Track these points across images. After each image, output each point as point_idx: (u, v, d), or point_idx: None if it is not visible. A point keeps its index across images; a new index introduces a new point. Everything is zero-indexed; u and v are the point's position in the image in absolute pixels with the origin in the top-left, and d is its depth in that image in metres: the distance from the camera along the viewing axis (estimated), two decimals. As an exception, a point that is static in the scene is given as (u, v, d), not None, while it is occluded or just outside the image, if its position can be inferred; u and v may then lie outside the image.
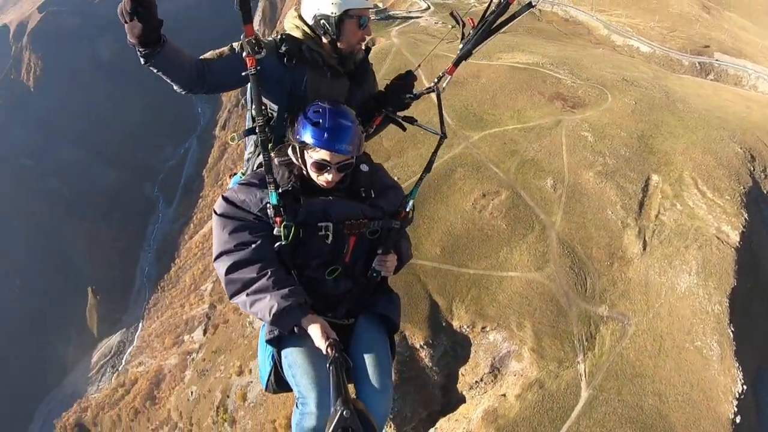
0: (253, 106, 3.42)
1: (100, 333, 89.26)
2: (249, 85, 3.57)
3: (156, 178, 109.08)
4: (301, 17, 3.74)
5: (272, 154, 3.43)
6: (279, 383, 3.59)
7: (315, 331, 3.11)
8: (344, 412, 2.46)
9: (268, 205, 3.32)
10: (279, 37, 3.67)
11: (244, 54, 3.18)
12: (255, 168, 3.93)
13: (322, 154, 3.28)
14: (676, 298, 28.72)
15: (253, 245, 3.26)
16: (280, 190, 3.31)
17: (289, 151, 3.50)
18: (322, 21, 3.59)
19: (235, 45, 3.52)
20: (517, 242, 31.85)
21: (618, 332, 28.56)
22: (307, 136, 3.28)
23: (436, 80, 4.01)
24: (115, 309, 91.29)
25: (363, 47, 3.86)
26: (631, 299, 29.45)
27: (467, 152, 37.29)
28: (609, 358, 27.75)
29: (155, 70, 3.24)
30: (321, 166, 3.34)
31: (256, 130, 3.37)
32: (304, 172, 3.46)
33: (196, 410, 48.92)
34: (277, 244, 3.32)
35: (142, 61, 3.10)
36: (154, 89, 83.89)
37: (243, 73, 3.29)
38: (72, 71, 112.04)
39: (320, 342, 3.05)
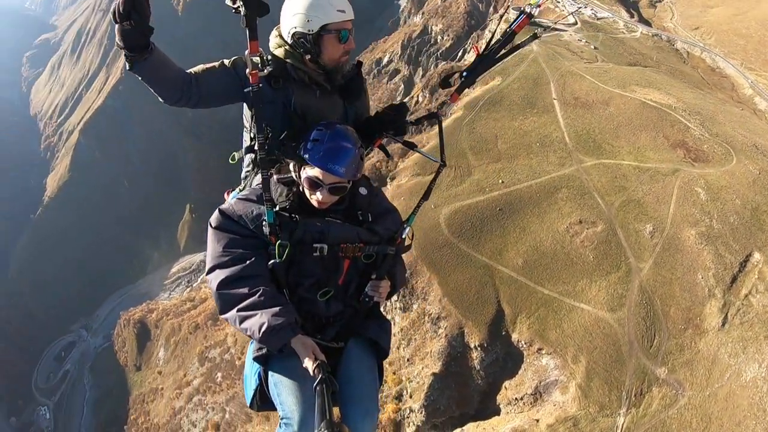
0: (254, 124, 3.43)
1: (186, 248, 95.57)
2: (244, 104, 3.75)
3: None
4: (281, 36, 3.69)
5: (272, 171, 3.46)
6: (264, 401, 3.54)
7: (303, 351, 3.07)
8: None
9: (264, 222, 3.30)
10: (266, 58, 3.60)
11: (247, 70, 3.24)
12: (253, 186, 3.85)
13: (316, 172, 3.27)
14: (739, 386, 27.22)
15: (247, 261, 3.24)
16: (277, 208, 3.33)
17: (291, 167, 3.46)
18: (300, 39, 3.53)
19: (226, 61, 3.59)
20: (599, 277, 31.65)
21: (669, 399, 27.77)
22: (305, 152, 3.31)
23: (438, 107, 4.23)
24: (206, 230, 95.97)
25: (349, 60, 3.77)
26: (693, 371, 28.34)
27: (576, 175, 37.22)
28: (651, 421, 27.18)
29: (140, 77, 3.24)
30: (314, 184, 3.31)
31: (255, 148, 3.40)
32: (301, 190, 3.45)
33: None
34: (271, 261, 3.31)
35: (127, 66, 3.13)
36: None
37: (245, 89, 3.39)
38: (218, 3, 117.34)
39: (308, 363, 3.01)
